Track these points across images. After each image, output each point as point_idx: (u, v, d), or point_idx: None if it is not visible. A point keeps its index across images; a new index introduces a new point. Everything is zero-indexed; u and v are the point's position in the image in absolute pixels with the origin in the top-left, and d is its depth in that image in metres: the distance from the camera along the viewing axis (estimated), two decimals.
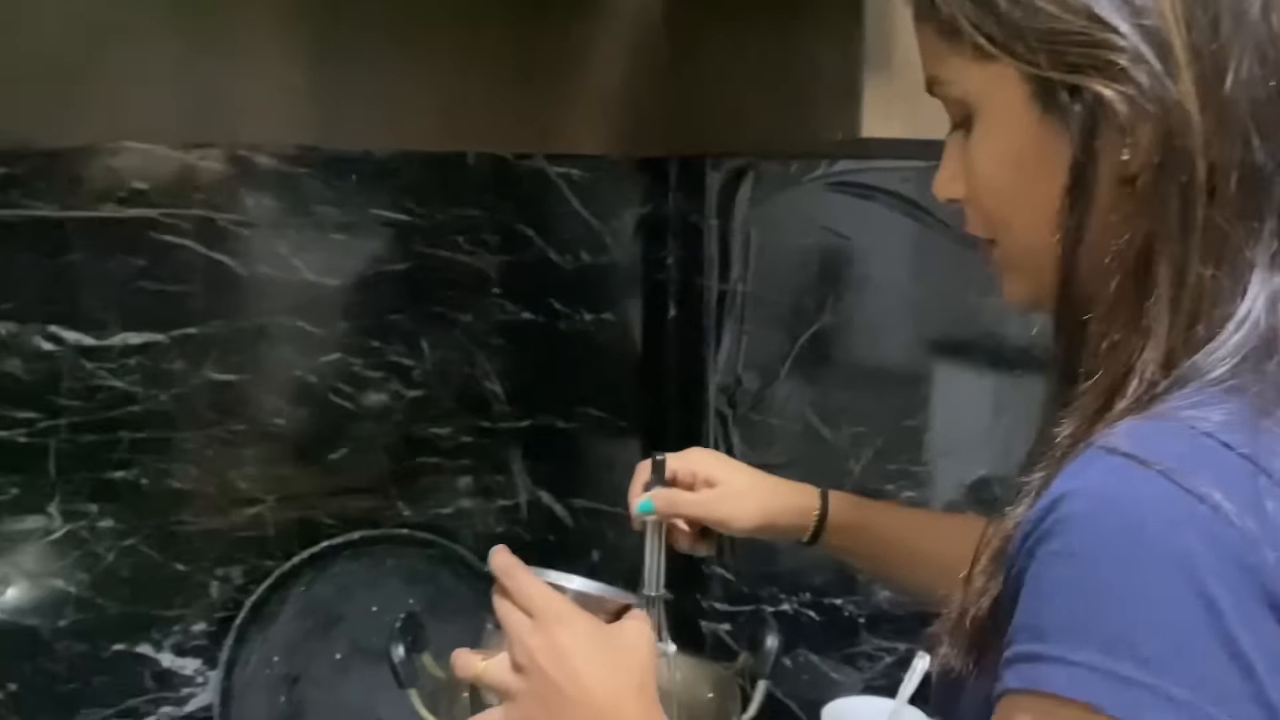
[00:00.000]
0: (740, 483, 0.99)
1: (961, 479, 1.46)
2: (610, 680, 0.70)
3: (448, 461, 1.29)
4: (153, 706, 1.18)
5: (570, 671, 0.69)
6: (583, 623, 0.72)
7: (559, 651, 0.70)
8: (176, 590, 1.18)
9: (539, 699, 0.70)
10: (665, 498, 0.97)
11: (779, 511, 0.99)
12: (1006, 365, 1.41)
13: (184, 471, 1.17)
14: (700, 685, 1.14)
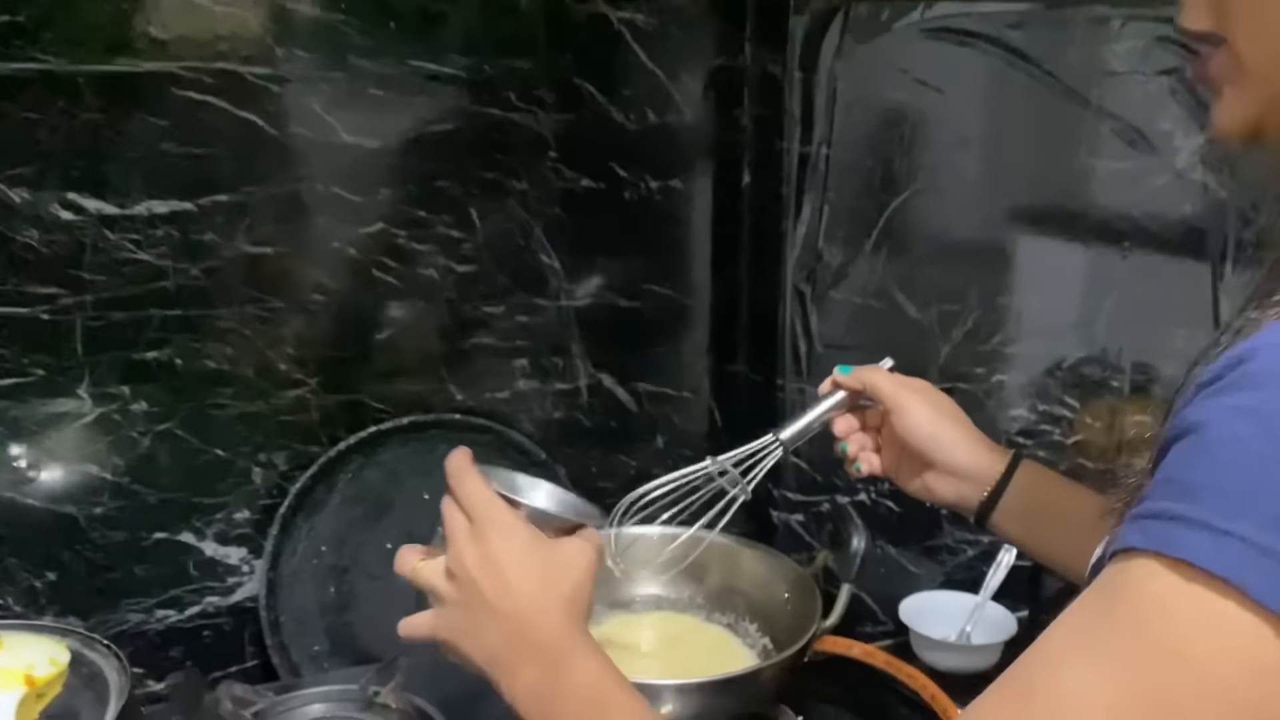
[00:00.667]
0: (942, 400, 0.92)
1: (1057, 361, 1.34)
2: (538, 596, 0.70)
3: (502, 342, 1.20)
4: (197, 596, 1.12)
5: (499, 582, 0.69)
6: (522, 535, 0.71)
7: (491, 561, 0.70)
8: (217, 477, 1.11)
9: (465, 607, 0.70)
10: (870, 367, 0.93)
11: (960, 442, 0.90)
12: (1114, 239, 1.27)
13: (219, 352, 1.08)
14: (775, 583, 1.06)
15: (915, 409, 0.90)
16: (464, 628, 0.71)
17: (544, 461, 1.22)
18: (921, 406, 0.90)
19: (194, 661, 1.13)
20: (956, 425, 0.90)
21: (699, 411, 1.30)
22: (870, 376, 0.93)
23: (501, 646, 0.69)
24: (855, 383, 0.94)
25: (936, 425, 0.90)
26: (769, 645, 1.05)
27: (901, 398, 0.91)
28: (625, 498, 0.99)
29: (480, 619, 0.70)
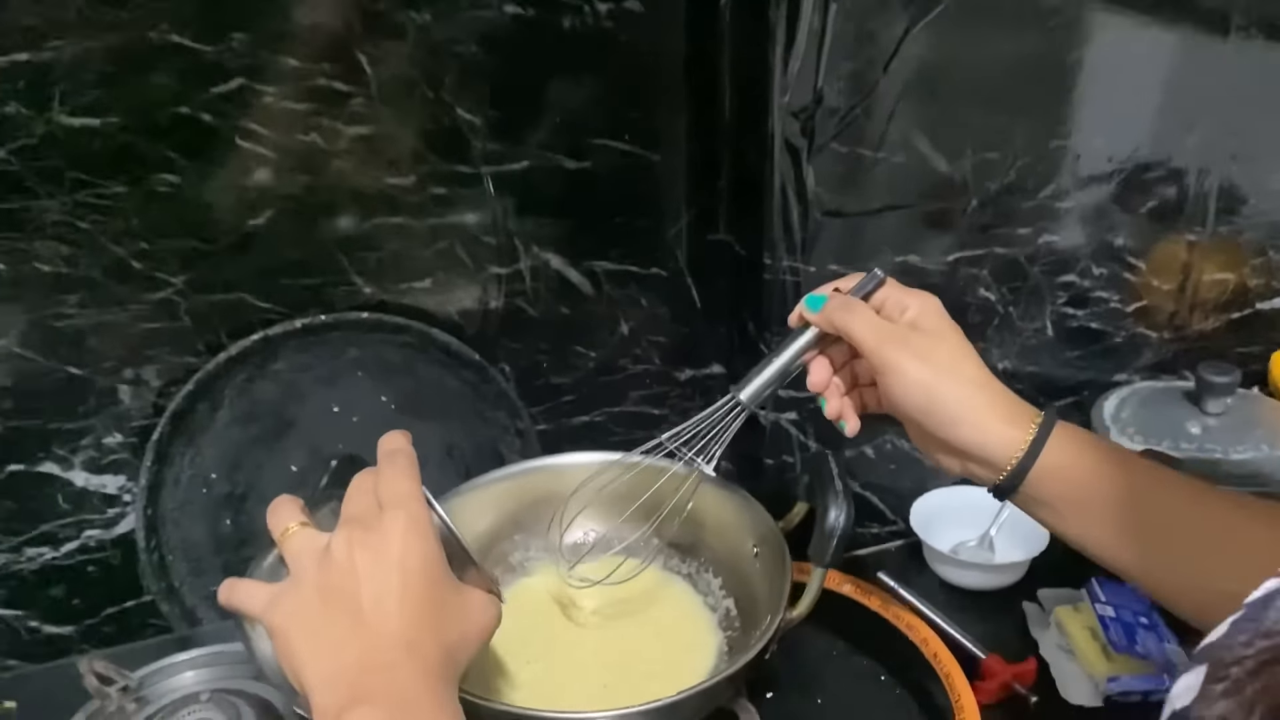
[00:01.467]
0: (947, 346, 0.70)
1: (1121, 211, 1.09)
2: (421, 630, 0.58)
3: (415, 221, 0.96)
4: (75, 530, 0.96)
5: (384, 591, 0.58)
6: (433, 552, 0.61)
7: (387, 561, 0.58)
8: (75, 399, 0.92)
9: (325, 600, 0.58)
10: (846, 303, 0.72)
11: (972, 412, 0.68)
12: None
13: (52, 251, 0.87)
14: (742, 534, 0.86)
15: (903, 371, 0.67)
16: (312, 624, 0.58)
17: (477, 363, 1.00)
18: (912, 367, 0.67)
19: (82, 599, 0.98)
20: (959, 392, 0.67)
21: (673, 291, 1.07)
22: (845, 316, 0.70)
23: (347, 669, 0.56)
24: (826, 324, 0.71)
25: (931, 396, 0.67)
26: (731, 610, 0.86)
27: (886, 354, 0.67)
28: (565, 501, 0.84)
29: (337, 623, 0.57)
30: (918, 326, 0.70)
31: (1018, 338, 1.11)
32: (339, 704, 0.54)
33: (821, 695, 0.94)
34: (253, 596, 0.62)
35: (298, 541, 0.62)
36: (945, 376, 0.68)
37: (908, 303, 0.72)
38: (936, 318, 0.71)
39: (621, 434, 1.10)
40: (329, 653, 0.57)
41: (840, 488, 0.74)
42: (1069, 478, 0.67)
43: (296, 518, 0.63)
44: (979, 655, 0.96)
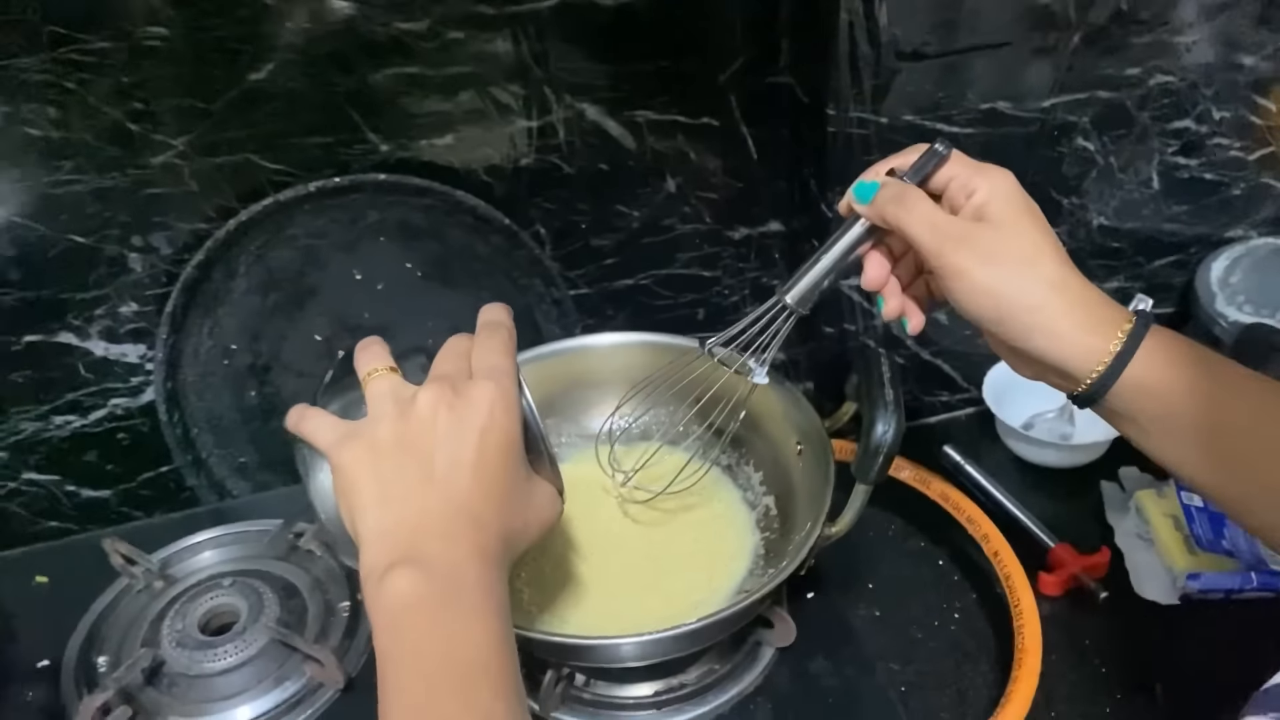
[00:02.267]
0: (1020, 239, 0.59)
1: (1250, 45, 0.93)
2: (489, 506, 0.55)
3: (433, 70, 0.85)
4: (100, 399, 0.93)
5: (462, 457, 0.55)
6: (515, 434, 0.57)
7: (466, 425, 0.55)
8: (84, 268, 0.87)
9: (402, 449, 0.55)
10: (901, 192, 0.62)
11: (1048, 319, 0.58)
12: None
13: (40, 115, 0.80)
14: (787, 430, 0.79)
15: (967, 276, 0.57)
16: (380, 471, 0.54)
17: (507, 227, 0.92)
18: (978, 272, 0.57)
19: (115, 465, 0.97)
20: (1033, 298, 0.57)
21: (725, 142, 0.96)
22: (899, 210, 0.60)
23: (405, 526, 0.53)
24: (877, 218, 0.61)
25: (1000, 304, 0.58)
26: (771, 509, 0.80)
27: (947, 256, 0.58)
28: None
29: (406, 477, 0.54)
30: (985, 217, 0.59)
31: (1118, 191, 0.98)
32: (389, 560, 0.51)
33: (873, 579, 0.89)
34: (323, 429, 0.58)
35: (384, 384, 0.57)
36: (1016, 280, 0.57)
37: (975, 184, 0.60)
38: (1008, 203, 0.60)
39: (669, 298, 1.02)
40: (391, 504, 0.54)
41: (890, 396, 0.65)
42: (1157, 394, 0.58)
43: (386, 362, 0.59)
44: (1048, 544, 0.89)
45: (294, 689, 0.76)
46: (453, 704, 0.48)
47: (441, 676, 0.49)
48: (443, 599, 0.51)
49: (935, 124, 0.89)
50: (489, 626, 0.51)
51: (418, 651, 0.49)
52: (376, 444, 0.55)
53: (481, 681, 0.49)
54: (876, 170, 0.64)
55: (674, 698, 0.73)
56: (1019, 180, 0.62)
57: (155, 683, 0.77)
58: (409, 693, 0.48)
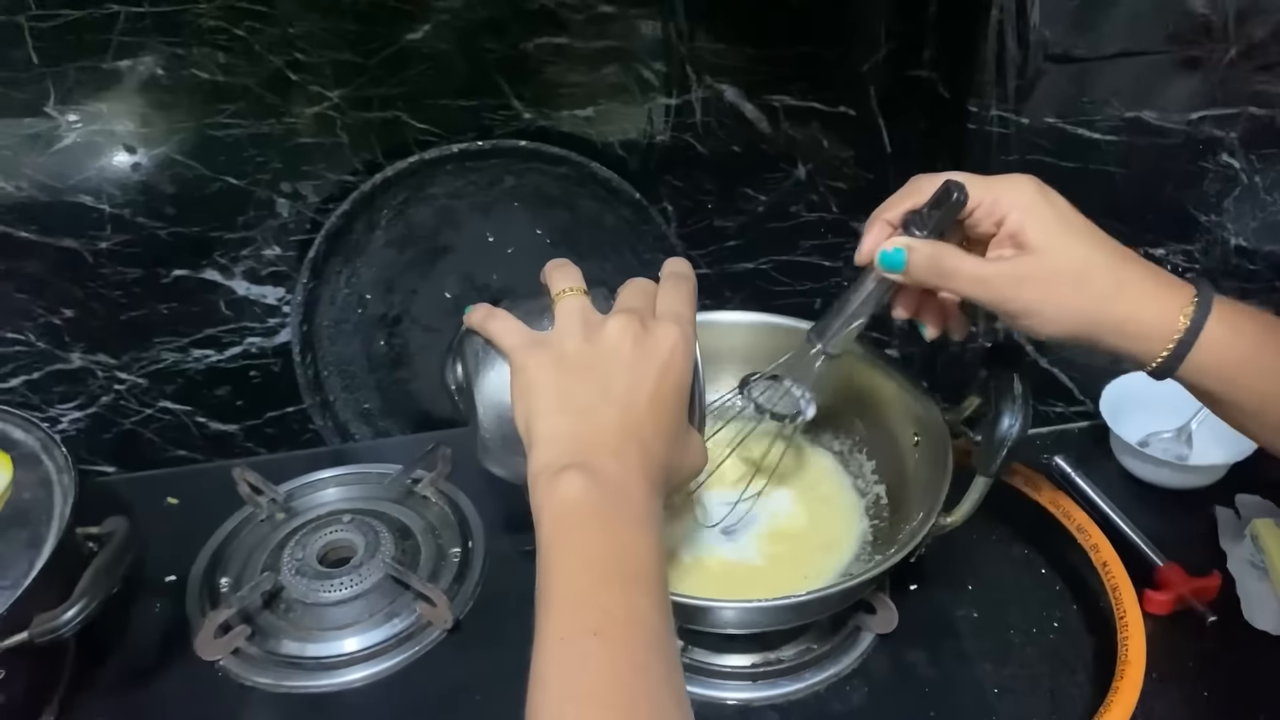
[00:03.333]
0: (1070, 256, 0.59)
1: None
2: (655, 434, 0.56)
3: (581, 42, 0.88)
4: (237, 336, 0.98)
5: (639, 377, 0.56)
6: (689, 376, 0.59)
7: (650, 354, 0.57)
8: (235, 209, 0.91)
9: (585, 360, 0.57)
10: (932, 256, 0.61)
11: (1120, 320, 0.59)
12: None
13: (209, 59, 0.84)
14: (904, 420, 0.79)
15: (1034, 313, 0.59)
16: (563, 381, 0.56)
17: (637, 201, 0.94)
18: (1043, 306, 0.59)
19: (245, 401, 1.01)
20: (1099, 306, 0.58)
21: (860, 132, 0.96)
22: (941, 273, 0.61)
23: (581, 435, 0.55)
24: (920, 285, 0.63)
25: (1070, 323, 0.59)
26: (881, 497, 0.80)
27: (1008, 305, 0.59)
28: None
29: (587, 390, 0.56)
30: (1025, 245, 0.59)
31: (1260, 212, 0.95)
32: (561, 461, 0.53)
33: (972, 581, 0.88)
34: (510, 330, 0.60)
35: (575, 303, 0.59)
36: (1080, 299, 0.58)
37: (1003, 206, 0.60)
38: (1042, 223, 0.59)
39: (787, 284, 1.03)
40: (569, 413, 0.55)
41: (1019, 392, 0.65)
42: (1228, 359, 0.59)
43: (580, 283, 0.60)
44: (1156, 562, 0.87)
45: (402, 625, 0.79)
46: (614, 596, 0.49)
47: (604, 571, 0.50)
48: (611, 506, 0.52)
49: (1077, 129, 0.88)
50: (649, 540, 0.52)
51: (584, 546, 0.51)
52: (563, 356, 0.57)
53: (640, 584, 0.50)
54: (890, 213, 0.64)
55: (770, 671, 0.74)
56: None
57: (273, 607, 0.80)
58: (573, 581, 0.50)
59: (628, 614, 0.49)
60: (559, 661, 0.47)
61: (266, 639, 0.78)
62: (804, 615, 0.69)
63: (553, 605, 0.49)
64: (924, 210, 0.61)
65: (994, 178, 0.61)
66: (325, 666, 0.77)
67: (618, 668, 0.46)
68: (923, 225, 0.61)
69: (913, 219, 0.62)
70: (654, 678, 0.47)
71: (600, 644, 0.46)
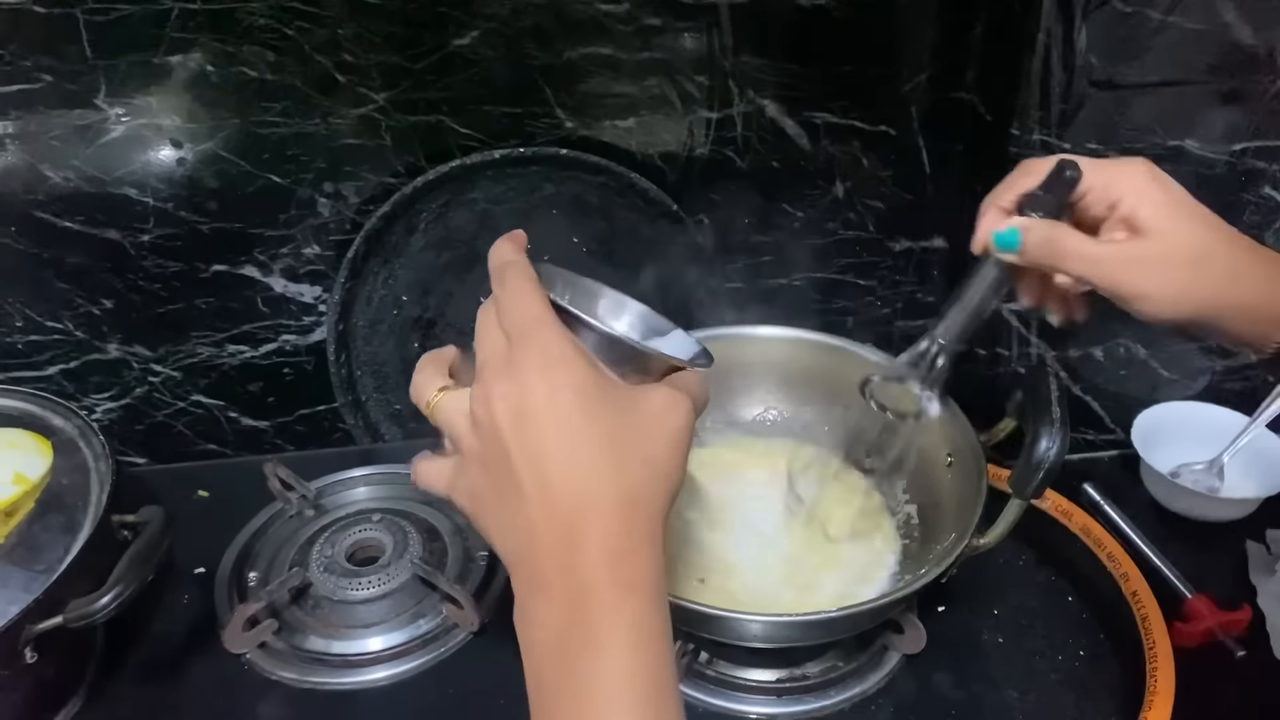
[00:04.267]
0: (1185, 239, 0.58)
1: None
2: (588, 480, 0.45)
3: (625, 54, 0.88)
4: (272, 333, 0.98)
5: (533, 443, 0.45)
6: (580, 374, 0.46)
7: (526, 408, 0.45)
8: (276, 207, 0.92)
9: (485, 467, 0.47)
10: (1048, 236, 0.59)
11: (1235, 305, 0.58)
12: None
13: (259, 58, 0.85)
14: (937, 440, 0.79)
15: (1151, 296, 0.57)
16: (486, 501, 0.48)
17: (674, 213, 0.94)
18: (1160, 288, 0.57)
19: (277, 398, 1.02)
20: (1219, 289, 0.57)
21: (901, 152, 0.96)
22: (1055, 252, 0.59)
23: (523, 550, 0.46)
24: (1033, 265, 0.61)
25: (1189, 307, 0.57)
26: (913, 517, 0.80)
27: (1121, 286, 0.57)
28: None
29: (506, 498, 0.46)
30: (1140, 227, 0.58)
31: None
32: (523, 589, 0.46)
33: (999, 605, 0.88)
34: (437, 477, 0.52)
35: (444, 410, 0.50)
36: (1199, 282, 0.57)
37: (1117, 189, 0.59)
38: (1158, 206, 0.58)
39: (820, 302, 1.03)
40: (507, 533, 0.48)
41: (1057, 414, 0.65)
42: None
43: (437, 382, 0.51)
44: (1185, 594, 0.87)
45: (428, 626, 0.79)
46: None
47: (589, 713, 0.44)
48: (576, 635, 0.45)
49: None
50: (635, 663, 0.45)
51: (556, 689, 0.45)
52: (470, 477, 0.49)
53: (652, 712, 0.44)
54: (1003, 199, 0.63)
55: (795, 687, 0.74)
56: None
57: (300, 602, 0.81)
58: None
59: None
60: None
61: (293, 634, 0.79)
62: (833, 632, 0.69)
63: None
64: (1037, 192, 0.61)
65: (1107, 160, 0.60)
66: (350, 664, 0.77)
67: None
68: (1037, 207, 0.60)
69: (1026, 201, 0.61)
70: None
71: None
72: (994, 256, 0.62)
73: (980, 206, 0.64)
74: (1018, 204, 0.62)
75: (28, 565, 0.67)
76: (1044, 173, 0.61)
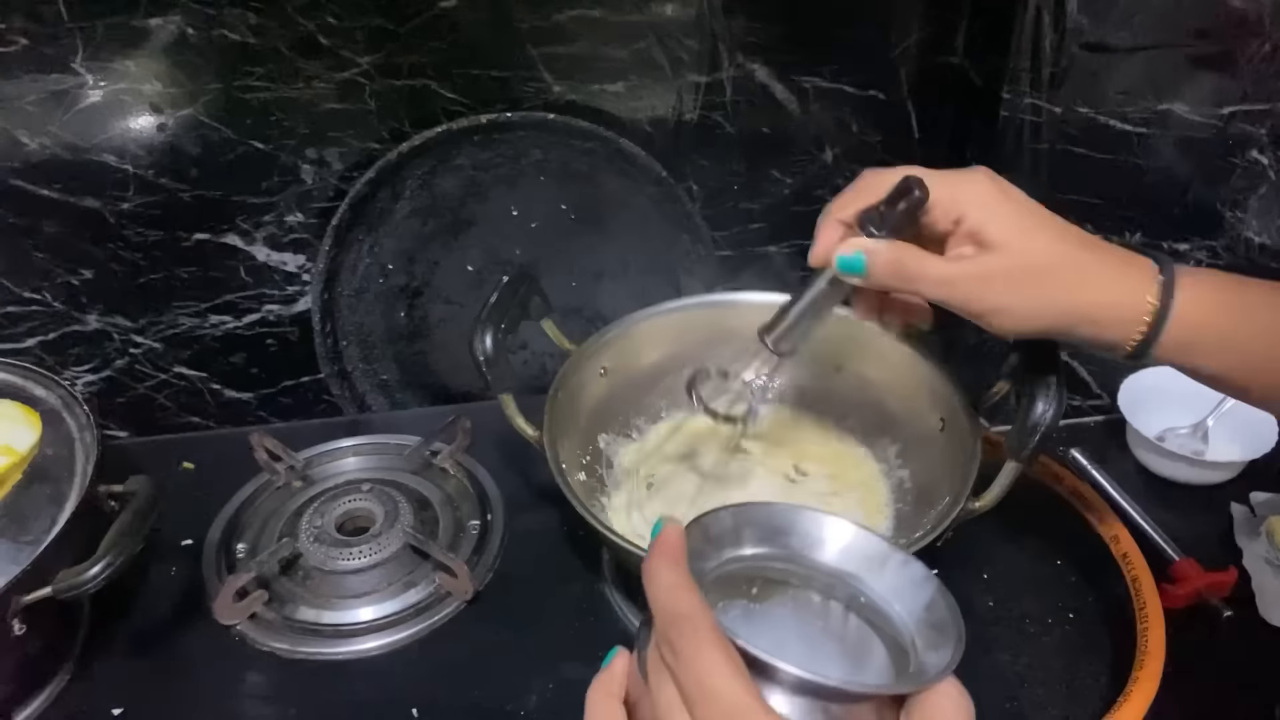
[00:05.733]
0: (1033, 250, 0.57)
1: None
2: None
3: (615, 16, 0.87)
4: (255, 303, 0.97)
5: None
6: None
7: None
8: (259, 174, 0.91)
9: None
10: (895, 259, 0.57)
11: (1088, 309, 0.57)
12: None
13: (239, 20, 0.83)
14: (929, 404, 0.79)
15: (1003, 311, 0.57)
16: None
17: (663, 179, 0.93)
18: (1011, 304, 0.57)
19: (261, 369, 1.01)
20: (1068, 297, 0.57)
21: (889, 116, 0.96)
22: (905, 275, 0.57)
23: None
24: (883, 288, 0.60)
25: (1039, 318, 0.57)
26: (906, 482, 0.80)
27: (974, 306, 0.57)
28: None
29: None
30: (986, 242, 0.57)
31: None
32: None
33: (988, 570, 0.88)
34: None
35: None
36: (1048, 293, 0.56)
37: (960, 203, 0.57)
38: (1002, 219, 0.57)
39: (809, 270, 1.02)
40: None
41: (1054, 378, 0.65)
42: (1218, 329, 0.58)
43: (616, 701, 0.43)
44: (1172, 556, 0.87)
45: (420, 596, 0.78)
46: None
47: None
48: None
49: (1109, 120, 0.88)
50: None
51: None
52: None
53: None
54: (844, 212, 0.60)
55: None
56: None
57: (290, 573, 0.80)
58: None
59: None
60: None
61: (284, 605, 0.78)
62: None
63: None
64: (881, 208, 0.58)
65: (949, 172, 0.59)
66: (342, 634, 0.76)
67: None
68: (880, 224, 0.58)
69: (869, 217, 0.58)
70: None
71: None
72: (834, 274, 0.60)
73: (819, 218, 0.61)
74: (859, 219, 0.59)
75: (14, 537, 0.65)
76: (888, 188, 0.58)
